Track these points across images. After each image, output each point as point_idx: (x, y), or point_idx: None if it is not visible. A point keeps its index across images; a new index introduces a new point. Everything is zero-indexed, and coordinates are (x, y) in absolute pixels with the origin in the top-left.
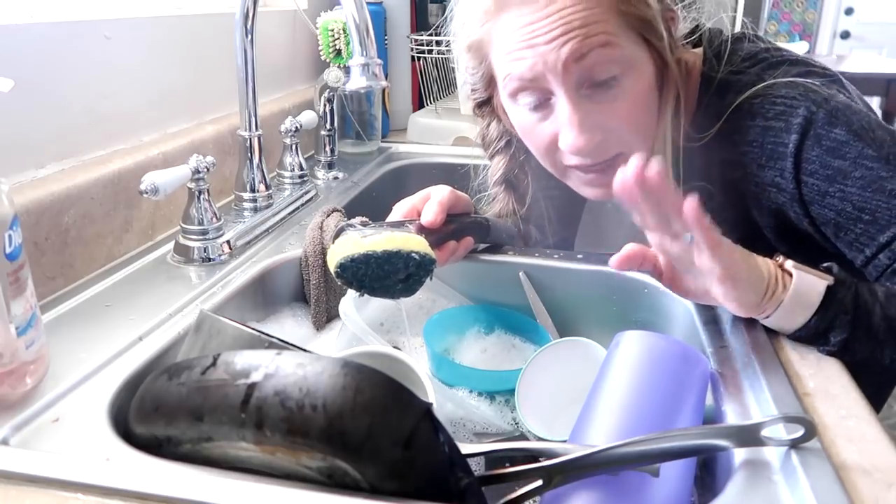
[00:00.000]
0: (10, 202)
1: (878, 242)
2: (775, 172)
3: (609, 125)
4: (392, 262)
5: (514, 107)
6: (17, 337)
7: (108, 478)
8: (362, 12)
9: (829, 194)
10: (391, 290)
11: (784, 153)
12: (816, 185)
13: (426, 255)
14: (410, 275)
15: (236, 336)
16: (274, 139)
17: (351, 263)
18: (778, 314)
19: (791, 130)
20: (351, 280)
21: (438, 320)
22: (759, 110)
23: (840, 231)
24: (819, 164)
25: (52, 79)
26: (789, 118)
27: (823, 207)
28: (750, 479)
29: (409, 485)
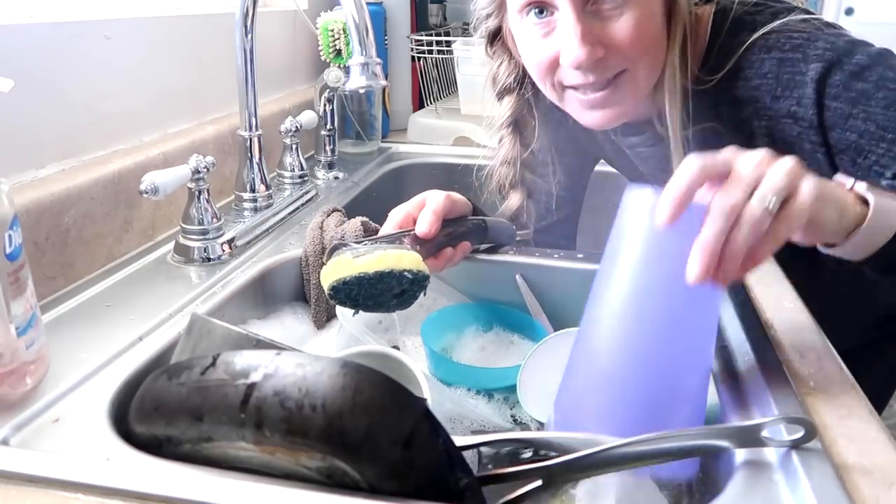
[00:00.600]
0: (11, 202)
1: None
2: (792, 102)
3: (612, 42)
4: (385, 282)
5: (521, 24)
6: (18, 337)
7: (109, 478)
8: (362, 12)
9: (853, 116)
10: (386, 305)
11: (803, 81)
12: (840, 108)
13: (419, 272)
14: (404, 291)
15: (225, 336)
16: (274, 139)
17: (343, 286)
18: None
19: (810, 59)
20: (344, 301)
21: (436, 319)
22: (776, 44)
23: (860, 155)
24: (843, 88)
25: (52, 79)
26: (807, 49)
27: (846, 131)
28: (750, 479)
29: (408, 485)
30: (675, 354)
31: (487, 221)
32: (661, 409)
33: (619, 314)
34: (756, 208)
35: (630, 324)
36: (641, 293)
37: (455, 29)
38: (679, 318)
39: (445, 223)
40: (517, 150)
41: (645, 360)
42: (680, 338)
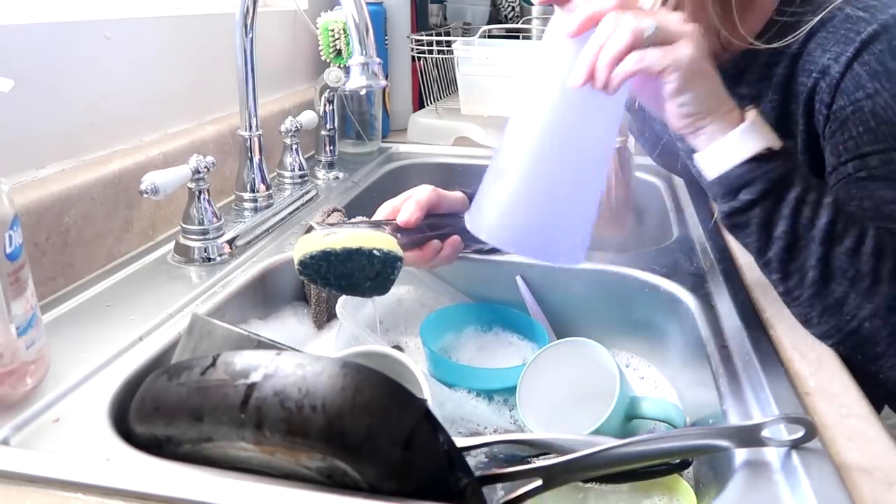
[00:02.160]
0: (11, 202)
1: (859, 151)
2: (832, 56)
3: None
4: (354, 260)
5: None
6: (18, 337)
7: (109, 478)
8: (362, 12)
9: (863, 88)
10: (360, 288)
11: (852, 39)
12: (860, 75)
13: (390, 251)
14: (378, 273)
15: (226, 336)
16: (274, 139)
17: (311, 260)
18: (710, 139)
19: (871, 22)
20: (314, 277)
21: (435, 319)
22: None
23: (840, 129)
24: (877, 59)
25: (52, 79)
26: (875, 12)
27: (848, 100)
28: (750, 479)
29: (408, 485)
30: (574, 158)
31: None
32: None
33: (534, 124)
34: (634, 23)
35: (540, 124)
36: (552, 103)
37: (455, 29)
38: (579, 125)
39: (433, 217)
40: None
41: (547, 157)
42: (580, 144)
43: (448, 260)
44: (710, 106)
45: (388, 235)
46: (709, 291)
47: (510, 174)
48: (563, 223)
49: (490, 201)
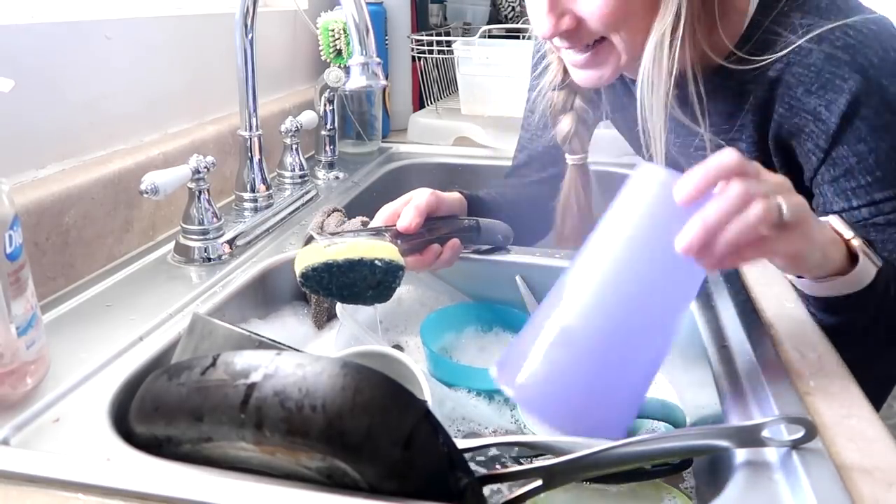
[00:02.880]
0: (11, 202)
1: (871, 198)
2: (821, 102)
3: (582, 12)
4: (356, 270)
5: None
6: (18, 337)
7: (109, 478)
8: (362, 12)
9: (865, 141)
10: (362, 297)
11: (840, 87)
12: (860, 128)
13: (391, 261)
14: (380, 282)
15: (227, 336)
16: (274, 139)
17: (313, 273)
18: (819, 287)
19: (855, 69)
20: (316, 288)
21: (436, 319)
22: (829, 36)
23: (845, 176)
24: (874, 112)
25: (52, 79)
26: (856, 55)
27: (849, 150)
28: (750, 479)
29: (408, 485)
30: (642, 327)
31: (480, 222)
32: (610, 377)
33: (601, 278)
34: (766, 206)
35: (609, 288)
36: (631, 260)
37: (455, 29)
38: (657, 293)
39: (433, 220)
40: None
41: (613, 325)
42: (651, 312)
43: (448, 263)
44: (812, 264)
45: (390, 244)
46: (709, 291)
47: (571, 343)
48: (619, 402)
49: (540, 368)
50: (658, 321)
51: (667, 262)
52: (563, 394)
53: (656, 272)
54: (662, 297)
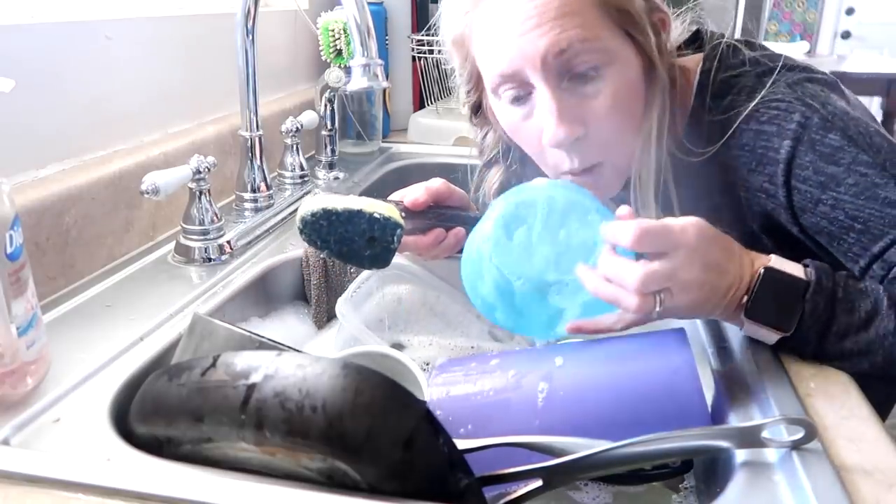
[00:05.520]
0: (11, 202)
1: (871, 253)
2: (764, 178)
3: (591, 118)
4: (354, 223)
5: (499, 103)
6: (18, 337)
7: (109, 478)
8: (363, 12)
9: (822, 202)
10: (359, 256)
11: (775, 159)
12: (809, 192)
13: (390, 217)
14: (376, 238)
15: (227, 337)
16: (275, 139)
17: (311, 218)
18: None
19: (784, 136)
20: (315, 238)
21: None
22: (754, 113)
23: (833, 241)
24: (812, 171)
25: (52, 79)
26: (782, 123)
27: (815, 216)
28: (751, 479)
29: (408, 485)
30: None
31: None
32: None
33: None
34: (641, 302)
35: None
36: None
37: None
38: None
39: (439, 208)
40: None
41: None
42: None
43: (450, 250)
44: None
45: (389, 204)
46: None
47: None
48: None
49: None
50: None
51: (624, 417)
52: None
53: (611, 415)
54: (594, 428)
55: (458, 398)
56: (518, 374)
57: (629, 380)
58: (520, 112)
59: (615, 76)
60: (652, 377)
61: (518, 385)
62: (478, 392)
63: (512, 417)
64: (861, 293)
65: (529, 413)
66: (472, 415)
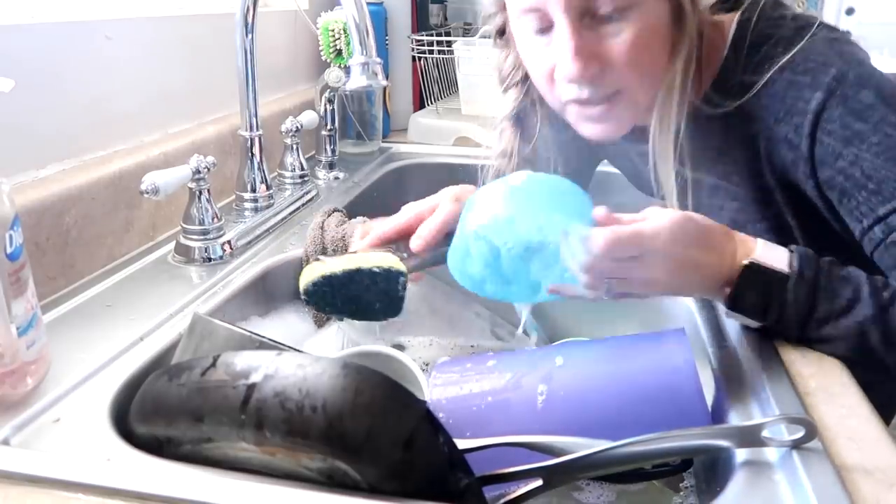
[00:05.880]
0: (11, 202)
1: (877, 214)
2: (790, 128)
3: (608, 57)
4: (356, 281)
5: (520, 31)
6: (18, 337)
7: (110, 478)
8: (362, 12)
9: (842, 157)
10: (370, 310)
11: (804, 109)
12: (832, 145)
13: (390, 267)
14: (384, 291)
15: (227, 337)
16: (275, 139)
17: (314, 288)
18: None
19: (817, 87)
20: (322, 305)
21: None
22: (790, 64)
23: (844, 197)
24: (839, 125)
25: (52, 79)
26: (817, 75)
27: (833, 170)
28: (751, 478)
29: (408, 485)
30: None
31: None
32: None
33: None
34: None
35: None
36: (606, 397)
37: (456, 29)
38: (602, 427)
39: (448, 237)
40: (517, 143)
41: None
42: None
43: None
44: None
45: (387, 253)
46: None
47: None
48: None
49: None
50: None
51: (624, 420)
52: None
53: (610, 418)
54: (595, 431)
55: (456, 399)
56: (518, 375)
57: (629, 380)
58: (538, 42)
59: (639, 20)
60: (652, 378)
61: (518, 386)
62: (477, 394)
63: (512, 419)
64: (843, 280)
65: (529, 415)
66: (472, 417)
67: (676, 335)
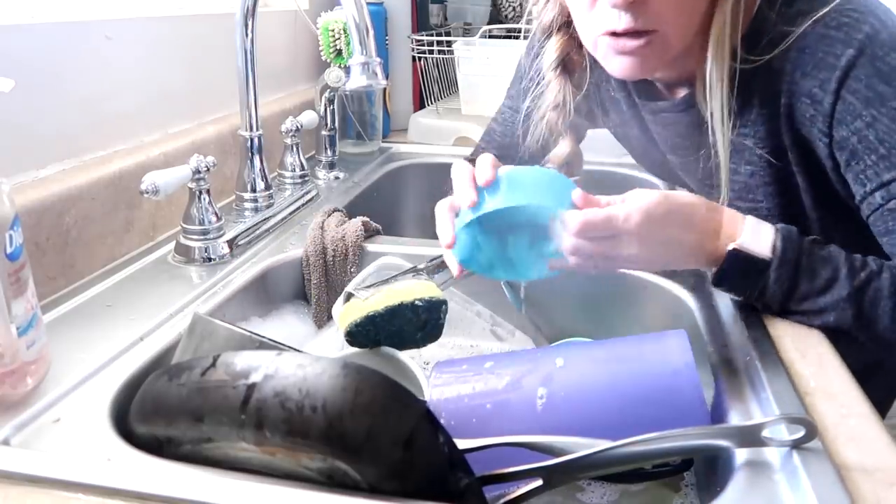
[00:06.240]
0: (11, 202)
1: (881, 179)
2: (815, 83)
3: None
4: (399, 315)
5: None
6: (18, 337)
7: (110, 478)
8: (362, 12)
9: (861, 117)
10: (412, 340)
11: (833, 65)
12: (853, 104)
13: (432, 298)
14: (426, 321)
15: (227, 337)
16: (275, 139)
17: (357, 329)
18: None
19: (849, 44)
20: (366, 343)
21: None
22: (823, 18)
23: (853, 159)
24: (864, 84)
25: (52, 79)
26: (850, 31)
27: (849, 130)
28: (751, 478)
29: (408, 485)
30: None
31: None
32: None
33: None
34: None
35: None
36: (606, 399)
37: (456, 29)
38: (604, 428)
39: None
40: (567, 91)
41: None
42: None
43: None
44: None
45: (425, 282)
46: (709, 291)
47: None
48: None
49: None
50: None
51: (626, 420)
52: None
53: (611, 419)
54: (598, 431)
55: (455, 400)
56: (518, 376)
57: (630, 383)
58: None
59: None
60: (652, 380)
61: (518, 387)
62: (476, 395)
63: (512, 420)
64: (823, 260)
65: (529, 415)
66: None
67: (677, 336)
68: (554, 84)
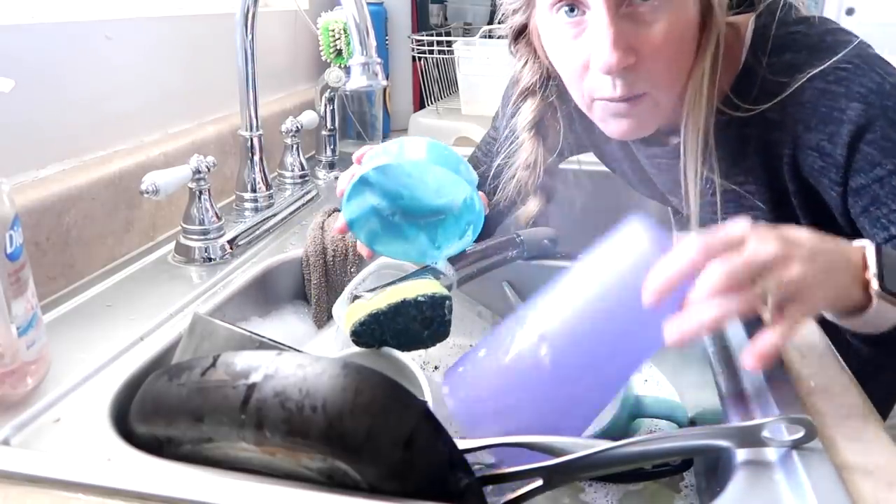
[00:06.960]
0: (11, 202)
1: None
2: (823, 136)
3: (645, 47)
4: (403, 313)
5: (550, 23)
6: (18, 337)
7: (110, 478)
8: (362, 12)
9: (881, 165)
10: (419, 339)
11: (840, 119)
12: (871, 154)
13: (435, 293)
14: (431, 318)
15: (228, 337)
16: (275, 139)
17: (362, 328)
18: (846, 322)
19: (852, 97)
20: (371, 342)
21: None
22: (819, 75)
23: (874, 204)
24: (881, 135)
25: (52, 79)
26: (851, 85)
27: (868, 178)
28: (751, 479)
29: (409, 485)
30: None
31: (521, 234)
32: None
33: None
34: (746, 299)
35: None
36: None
37: (456, 29)
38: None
39: (478, 249)
40: (539, 153)
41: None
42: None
43: None
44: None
45: (428, 280)
46: None
47: (523, 378)
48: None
49: (487, 395)
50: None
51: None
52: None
53: (617, 333)
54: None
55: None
56: (514, 347)
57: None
58: (571, 32)
59: (674, 11)
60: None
61: (520, 357)
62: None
63: (530, 389)
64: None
65: (544, 377)
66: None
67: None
68: (528, 144)
